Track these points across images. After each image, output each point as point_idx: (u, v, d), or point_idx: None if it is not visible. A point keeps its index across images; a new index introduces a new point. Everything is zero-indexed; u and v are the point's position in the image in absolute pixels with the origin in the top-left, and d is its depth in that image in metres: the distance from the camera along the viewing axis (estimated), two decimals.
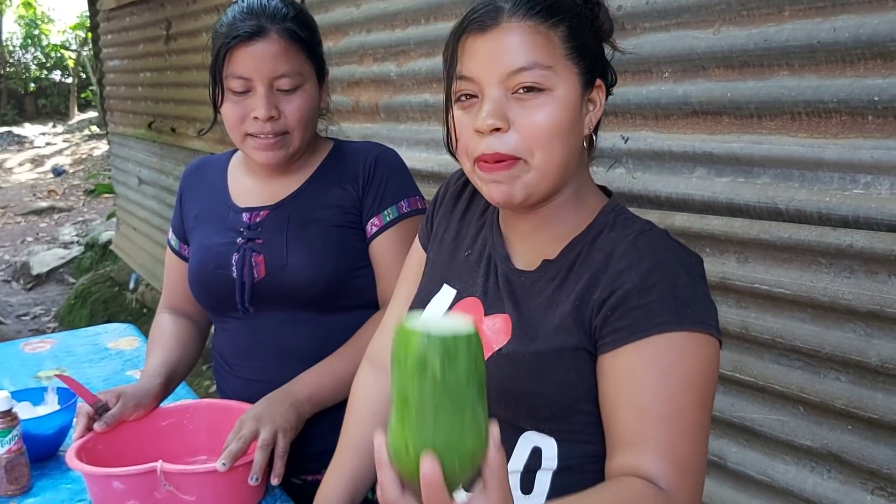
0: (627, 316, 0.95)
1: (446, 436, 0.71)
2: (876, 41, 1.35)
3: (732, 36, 1.56)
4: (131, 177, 6.09)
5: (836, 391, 1.50)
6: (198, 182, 1.66)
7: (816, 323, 1.51)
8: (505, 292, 1.07)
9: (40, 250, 8.31)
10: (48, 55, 17.36)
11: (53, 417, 1.49)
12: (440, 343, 0.70)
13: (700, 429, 0.94)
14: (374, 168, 1.52)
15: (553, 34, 0.99)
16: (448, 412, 0.71)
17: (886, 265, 1.39)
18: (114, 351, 2.11)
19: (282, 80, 1.44)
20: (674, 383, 0.92)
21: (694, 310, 0.95)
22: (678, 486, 0.90)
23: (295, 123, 1.46)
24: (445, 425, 0.71)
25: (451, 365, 0.70)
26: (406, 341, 0.72)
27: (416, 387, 0.71)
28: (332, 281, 1.48)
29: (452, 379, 0.70)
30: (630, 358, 0.94)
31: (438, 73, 2.46)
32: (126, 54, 5.97)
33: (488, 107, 0.98)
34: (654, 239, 1.00)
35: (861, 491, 1.49)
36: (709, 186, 1.65)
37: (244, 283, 1.49)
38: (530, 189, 1.00)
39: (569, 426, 1.00)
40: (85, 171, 12.57)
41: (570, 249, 1.04)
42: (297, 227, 1.50)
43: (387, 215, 1.51)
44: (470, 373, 0.71)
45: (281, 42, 1.43)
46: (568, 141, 1.00)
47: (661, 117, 1.74)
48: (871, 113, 1.38)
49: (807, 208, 1.47)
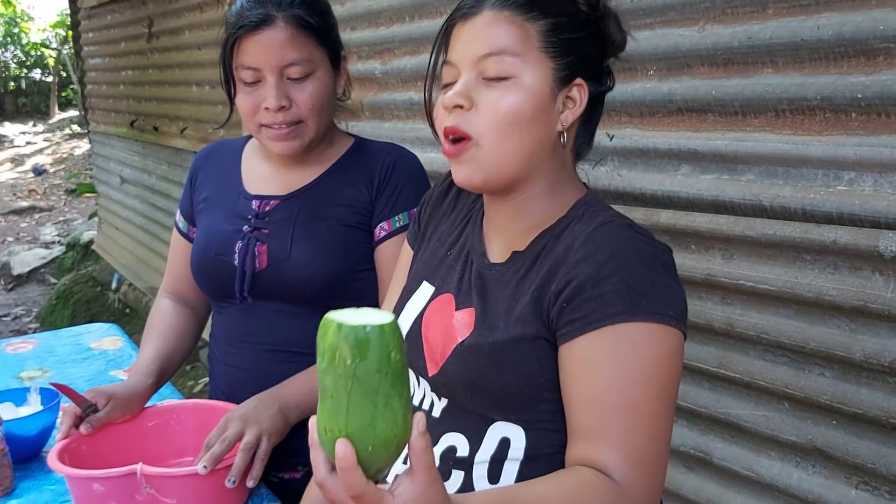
0: (582, 307, 0.95)
1: (358, 423, 0.74)
2: (859, 39, 1.36)
3: (717, 34, 1.57)
4: (113, 176, 6.05)
5: (820, 386, 1.51)
6: (211, 165, 1.64)
7: (801, 319, 1.52)
8: (475, 287, 1.08)
9: (21, 250, 8.24)
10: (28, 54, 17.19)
11: (36, 418, 1.48)
12: (351, 333, 0.73)
13: (657, 421, 0.94)
14: (391, 171, 1.49)
15: (530, 26, 1.01)
16: (359, 399, 0.74)
17: (870, 261, 1.40)
18: (97, 351, 2.09)
19: (291, 68, 1.40)
20: (627, 374, 0.92)
21: (649, 300, 0.94)
22: (631, 478, 0.90)
23: (308, 112, 1.43)
24: (357, 412, 0.74)
25: (361, 354, 0.73)
26: (324, 332, 0.75)
27: (332, 375, 0.74)
28: (333, 280, 1.45)
29: (363, 368, 0.73)
30: (584, 349, 0.95)
31: (423, 71, 2.45)
32: (108, 52, 5.93)
33: (457, 86, 1.02)
34: (612, 230, 1.00)
35: (845, 485, 1.50)
36: (694, 184, 1.66)
37: (245, 273, 1.47)
38: (485, 170, 1.02)
39: (535, 415, 1.01)
40: (66, 170, 12.47)
41: (538, 241, 1.06)
42: (306, 222, 1.47)
43: (397, 221, 1.48)
44: (381, 363, 0.74)
45: (288, 29, 1.39)
46: (528, 131, 1.01)
47: (647, 115, 1.75)
48: (854, 110, 1.39)
49: (791, 205, 1.48)
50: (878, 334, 1.41)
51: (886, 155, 1.35)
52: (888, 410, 1.41)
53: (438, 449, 1.06)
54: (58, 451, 1.30)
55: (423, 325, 1.12)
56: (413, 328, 1.13)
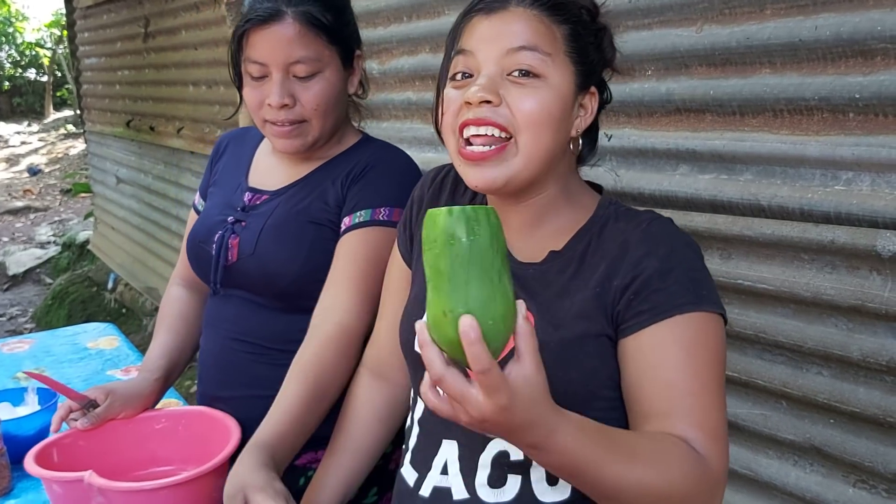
0: (650, 299, 0.97)
1: (478, 296, 0.77)
2: (857, 39, 1.36)
3: (715, 34, 1.57)
4: (109, 176, 6.04)
5: (818, 386, 1.51)
6: (232, 150, 1.63)
7: (799, 318, 1.52)
8: (516, 286, 1.06)
9: (16, 250, 8.21)
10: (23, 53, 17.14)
11: (34, 418, 1.48)
12: (462, 214, 0.78)
13: (723, 401, 0.98)
14: (368, 168, 1.44)
15: (556, 29, 1.01)
16: (478, 275, 0.77)
17: (868, 261, 1.40)
18: (94, 350, 2.09)
19: (297, 66, 1.37)
20: (697, 360, 0.96)
21: (708, 291, 0.99)
22: (712, 452, 0.93)
23: (311, 112, 1.40)
24: (476, 287, 0.77)
25: (475, 231, 0.77)
26: (434, 220, 0.79)
27: (447, 257, 0.77)
28: (299, 278, 1.42)
29: (477, 245, 0.77)
30: (654, 338, 0.97)
31: (421, 71, 2.46)
32: (103, 52, 5.91)
33: (481, 80, 0.99)
34: (664, 226, 1.04)
35: (843, 484, 1.51)
36: (692, 183, 1.66)
37: (218, 263, 1.47)
38: (512, 173, 1.01)
39: (591, 413, 1.00)
40: (61, 170, 12.44)
41: (578, 240, 1.06)
42: (280, 217, 1.45)
43: (358, 217, 1.41)
44: (493, 239, 0.78)
45: (297, 26, 1.36)
46: (556, 132, 1.01)
47: (645, 115, 1.75)
48: (851, 110, 1.40)
49: (789, 205, 1.49)
50: (876, 333, 1.41)
51: (884, 155, 1.35)
52: (886, 409, 1.41)
53: (487, 455, 1.04)
54: (41, 448, 1.28)
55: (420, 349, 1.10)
56: None
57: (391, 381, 1.29)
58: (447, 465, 1.07)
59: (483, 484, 1.04)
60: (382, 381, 1.30)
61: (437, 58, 2.37)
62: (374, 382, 1.30)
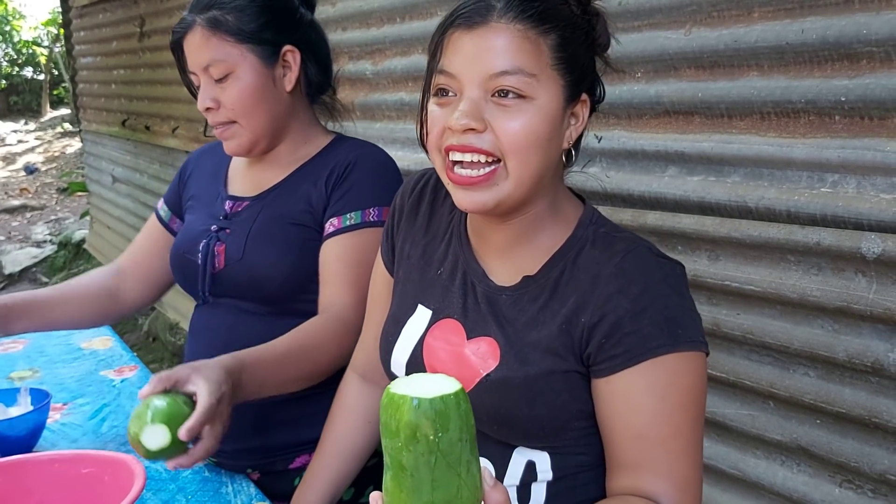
0: (622, 343, 0.95)
1: (443, 496, 0.72)
2: (843, 42, 1.37)
3: (703, 37, 1.58)
4: (105, 175, 6.04)
5: (804, 386, 1.52)
6: (203, 164, 1.66)
7: (786, 319, 1.54)
8: (488, 313, 1.04)
9: (12, 249, 8.21)
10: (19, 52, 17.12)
11: (26, 419, 1.48)
12: (430, 408, 0.70)
13: (696, 445, 0.96)
14: (350, 169, 1.45)
15: (542, 42, 0.96)
16: (443, 473, 0.72)
17: (853, 262, 1.41)
18: (87, 351, 2.09)
19: (210, 69, 1.42)
20: (670, 404, 0.94)
21: (685, 329, 0.96)
22: (680, 503, 0.93)
23: (232, 112, 1.43)
24: (442, 486, 0.72)
25: (443, 428, 0.71)
26: (395, 410, 0.72)
27: (411, 453, 0.71)
28: (288, 280, 1.43)
29: (445, 441, 0.71)
30: (625, 383, 0.95)
31: (414, 71, 2.47)
32: (99, 51, 5.91)
33: (464, 106, 0.95)
34: (639, 259, 0.99)
35: (830, 484, 1.52)
36: (680, 185, 1.67)
37: (206, 272, 1.48)
38: (503, 197, 0.97)
39: (561, 442, 1.01)
40: (57, 169, 12.42)
41: (552, 266, 1.02)
42: (265, 222, 1.47)
43: (348, 219, 1.42)
44: (462, 431, 0.72)
45: (203, 31, 1.42)
46: (545, 152, 0.97)
47: (634, 117, 1.76)
48: (838, 113, 1.41)
49: (776, 206, 1.50)
50: (861, 335, 1.42)
51: (869, 157, 1.37)
52: (871, 410, 1.43)
53: None
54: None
55: (425, 352, 1.08)
56: (414, 355, 1.09)
57: (380, 385, 1.29)
58: None
59: None
60: (371, 384, 1.31)
61: None
62: (362, 386, 1.31)
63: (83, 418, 1.64)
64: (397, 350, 1.11)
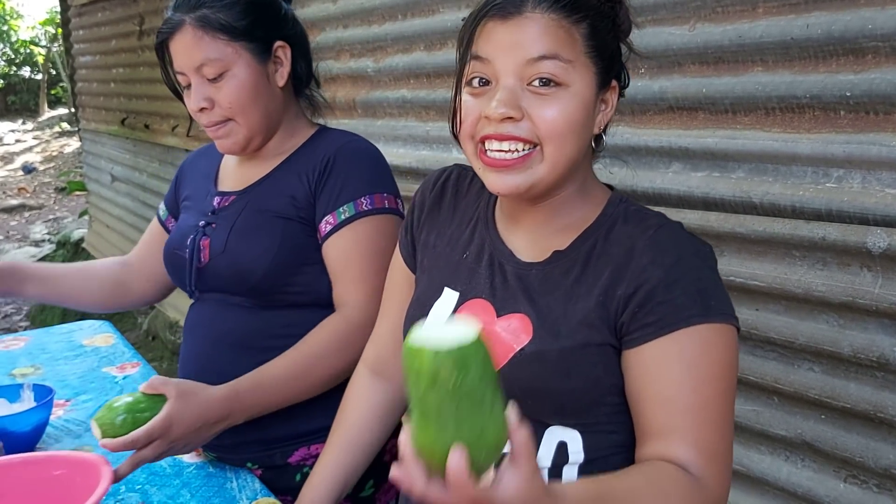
0: (654, 311, 0.96)
1: (468, 435, 0.73)
2: (847, 38, 1.37)
3: (707, 32, 1.58)
4: (104, 174, 6.03)
5: (809, 381, 1.52)
6: (196, 166, 1.67)
7: (790, 314, 1.54)
8: (518, 290, 1.05)
9: (11, 248, 8.20)
10: (17, 51, 17.10)
11: (30, 414, 1.48)
12: (449, 357, 0.72)
13: (726, 417, 0.96)
14: (333, 161, 1.44)
15: (575, 30, 0.98)
16: (467, 414, 0.73)
17: (858, 257, 1.41)
18: (89, 348, 2.09)
19: (204, 68, 1.40)
20: (699, 374, 0.94)
21: (717, 301, 0.97)
22: (707, 472, 0.92)
23: (228, 111, 1.42)
24: (466, 427, 0.73)
25: (464, 373, 0.72)
26: (416, 359, 0.73)
27: (433, 399, 0.73)
28: (269, 273, 1.42)
29: (466, 386, 0.72)
30: (656, 352, 0.95)
31: (416, 69, 2.47)
32: (98, 50, 5.91)
33: (501, 95, 0.96)
34: (672, 233, 1.01)
35: (834, 479, 1.52)
36: (685, 181, 1.67)
37: (192, 266, 1.48)
38: (536, 180, 0.99)
39: (593, 419, 1.01)
40: (55, 168, 12.42)
41: (583, 241, 1.04)
42: (249, 215, 1.47)
43: (342, 213, 1.42)
44: (483, 374, 0.73)
45: (195, 30, 1.40)
46: (579, 138, 1.00)
47: (638, 112, 1.76)
48: (843, 108, 1.41)
49: (781, 202, 1.50)
50: (866, 329, 1.42)
51: (874, 152, 1.37)
52: (876, 405, 1.43)
53: None
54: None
55: None
56: None
57: (391, 380, 1.30)
58: None
59: None
60: (382, 379, 1.30)
61: (431, 56, 2.38)
62: (373, 380, 1.31)
63: (86, 415, 1.63)
64: None
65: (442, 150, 2.36)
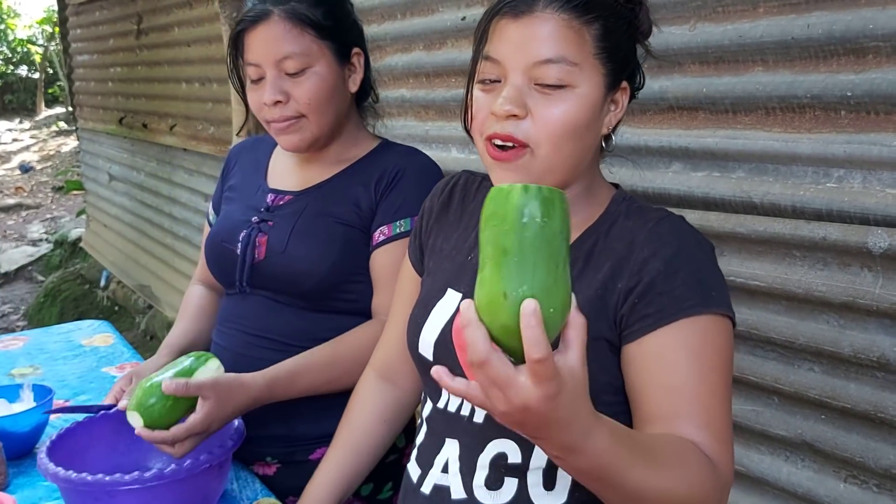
0: (654, 302, 0.96)
1: (543, 282, 0.72)
2: (848, 37, 1.37)
3: (708, 32, 1.58)
4: (101, 173, 6.02)
5: (809, 381, 1.52)
6: (245, 157, 1.66)
7: (791, 314, 1.54)
8: None
9: (8, 248, 8.19)
10: (14, 50, 17.06)
11: (29, 415, 1.48)
12: (539, 193, 0.74)
13: (729, 406, 0.97)
14: (400, 176, 1.46)
15: (586, 31, 0.98)
16: (545, 260, 0.73)
17: (859, 257, 1.41)
18: (88, 348, 2.09)
19: (287, 62, 1.39)
20: (704, 363, 0.95)
21: (717, 293, 0.98)
22: (719, 455, 0.92)
23: (305, 107, 1.41)
24: (542, 272, 0.73)
25: (548, 215, 0.74)
26: (505, 196, 0.75)
27: (517, 235, 0.73)
28: (328, 277, 1.44)
29: (549, 228, 0.73)
30: (659, 342, 0.96)
31: (415, 68, 2.47)
32: (96, 49, 5.90)
33: (508, 92, 0.98)
34: (673, 225, 1.02)
35: (834, 479, 1.52)
36: (685, 181, 1.67)
37: (245, 262, 1.48)
38: (534, 177, 0.99)
39: None
40: (53, 167, 12.39)
41: (585, 239, 1.05)
42: (310, 218, 1.47)
43: (398, 227, 1.45)
44: (563, 225, 0.75)
45: (284, 23, 1.39)
46: (581, 139, 1.00)
47: (638, 112, 1.76)
48: (843, 108, 1.41)
49: (781, 202, 1.50)
50: (867, 329, 1.42)
51: (875, 152, 1.37)
52: (876, 405, 1.43)
53: (486, 457, 1.04)
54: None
55: (455, 332, 1.10)
56: (443, 335, 1.10)
57: (398, 385, 1.30)
58: (448, 464, 1.08)
59: (480, 485, 1.04)
60: (389, 383, 1.31)
61: (430, 55, 2.37)
62: (380, 384, 1.31)
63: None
64: (426, 331, 1.12)
65: (441, 149, 2.36)
